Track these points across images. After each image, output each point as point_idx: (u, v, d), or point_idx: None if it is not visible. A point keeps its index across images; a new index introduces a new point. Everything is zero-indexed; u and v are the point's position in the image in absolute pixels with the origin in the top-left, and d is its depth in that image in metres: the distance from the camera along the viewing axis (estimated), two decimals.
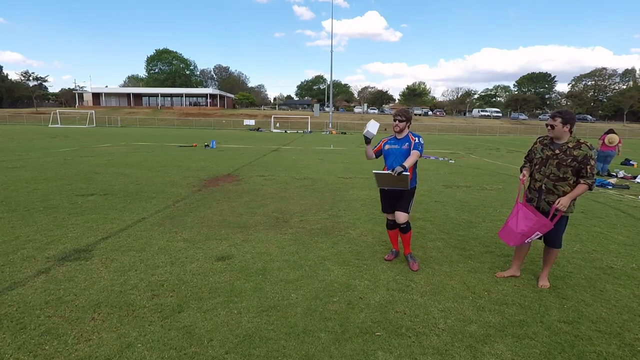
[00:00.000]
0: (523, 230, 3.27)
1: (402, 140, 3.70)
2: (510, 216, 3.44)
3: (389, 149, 3.78)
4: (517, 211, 3.36)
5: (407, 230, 3.82)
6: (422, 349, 2.49)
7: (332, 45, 50.15)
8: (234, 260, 3.88)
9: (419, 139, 3.64)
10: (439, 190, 8.01)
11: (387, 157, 3.81)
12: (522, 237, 3.29)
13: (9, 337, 2.49)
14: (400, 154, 3.66)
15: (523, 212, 3.31)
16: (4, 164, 10.33)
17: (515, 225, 3.33)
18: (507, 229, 3.43)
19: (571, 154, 3.15)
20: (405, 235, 3.85)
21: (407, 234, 3.84)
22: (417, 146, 3.58)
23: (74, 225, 4.92)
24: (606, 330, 2.74)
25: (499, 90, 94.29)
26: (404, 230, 3.82)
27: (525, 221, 3.27)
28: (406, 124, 3.70)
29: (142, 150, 15.20)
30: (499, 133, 47.88)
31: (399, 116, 3.68)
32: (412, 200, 3.80)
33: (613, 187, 8.94)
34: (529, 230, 3.24)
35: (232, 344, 2.48)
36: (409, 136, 3.70)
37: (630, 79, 78.25)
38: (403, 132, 3.72)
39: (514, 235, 3.34)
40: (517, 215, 3.34)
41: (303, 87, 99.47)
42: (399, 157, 3.66)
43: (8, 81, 76.96)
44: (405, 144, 3.66)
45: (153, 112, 61.78)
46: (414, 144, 3.60)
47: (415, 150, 3.55)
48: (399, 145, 3.70)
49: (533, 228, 3.22)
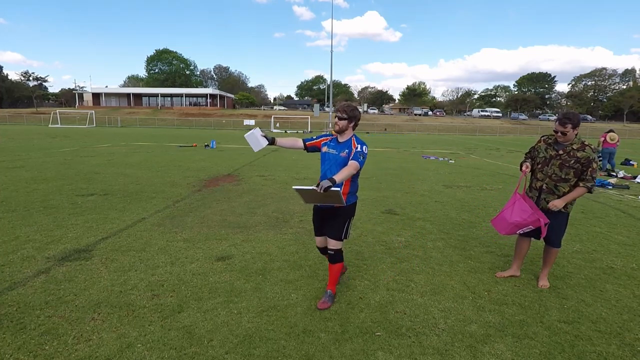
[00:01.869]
0: (516, 221, 3.27)
1: (342, 145, 2.95)
2: (506, 205, 3.43)
3: (326, 153, 3.02)
4: (514, 202, 3.35)
5: (336, 261, 3.05)
6: (422, 349, 2.49)
7: (332, 45, 50.25)
8: (234, 260, 3.87)
9: (361, 147, 2.88)
10: (439, 190, 8.01)
11: (322, 161, 3.05)
12: (514, 227, 3.31)
13: (9, 337, 2.48)
14: (337, 163, 2.91)
15: (519, 204, 3.30)
16: (4, 164, 10.33)
17: (509, 215, 3.33)
18: (501, 217, 3.43)
19: (574, 155, 3.14)
20: (334, 267, 3.08)
21: (336, 264, 3.07)
22: (358, 156, 2.82)
23: (74, 225, 4.92)
24: (606, 330, 2.74)
25: (499, 90, 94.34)
26: (333, 260, 3.06)
27: (520, 213, 3.27)
28: (349, 124, 2.93)
29: (142, 151, 15.20)
30: (499, 133, 47.88)
31: (340, 112, 2.92)
32: (349, 223, 3.03)
33: (613, 187, 8.94)
34: (522, 221, 3.25)
35: (232, 344, 2.48)
36: (351, 141, 2.94)
37: (630, 79, 78.26)
38: (345, 134, 2.97)
39: (506, 224, 3.35)
40: (513, 206, 3.34)
41: (303, 87, 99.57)
42: (334, 166, 2.92)
43: (8, 81, 76.99)
44: (344, 151, 2.91)
45: (153, 112, 61.78)
46: (355, 152, 2.84)
47: (354, 161, 2.79)
48: (337, 150, 2.94)
49: (527, 220, 3.22)
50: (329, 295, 3.10)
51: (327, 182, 2.57)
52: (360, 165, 2.82)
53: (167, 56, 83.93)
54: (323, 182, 2.57)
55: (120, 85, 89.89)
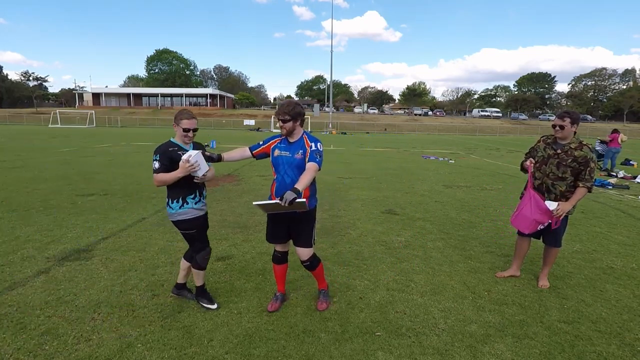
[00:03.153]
0: (537, 217, 3.22)
1: (294, 146, 2.74)
2: (523, 203, 3.36)
3: (278, 157, 2.78)
4: (530, 198, 3.28)
5: (314, 267, 2.96)
6: (422, 349, 2.49)
7: (332, 46, 50.23)
8: (234, 260, 3.87)
9: (316, 144, 2.69)
10: (439, 190, 8.01)
11: (276, 166, 2.80)
12: (536, 223, 3.25)
13: (9, 337, 2.49)
14: (294, 165, 2.72)
15: (535, 199, 3.24)
16: (4, 164, 10.33)
17: (529, 212, 3.25)
18: (522, 216, 3.33)
19: (572, 155, 3.14)
20: (316, 271, 3.00)
21: (316, 269, 2.98)
22: (314, 156, 2.64)
23: (74, 225, 4.92)
24: (606, 330, 2.74)
25: (499, 90, 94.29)
26: (311, 268, 2.95)
27: (538, 208, 3.22)
28: (294, 124, 2.70)
29: (142, 151, 15.21)
30: (499, 133, 47.87)
31: (282, 114, 2.66)
32: (314, 227, 2.90)
33: (613, 187, 8.94)
34: (541, 217, 3.21)
35: (232, 344, 2.48)
36: (303, 140, 2.75)
37: (630, 79, 78.22)
38: (294, 134, 2.75)
39: (529, 222, 3.27)
40: (531, 201, 3.27)
41: (303, 87, 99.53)
42: (290, 170, 2.73)
43: (8, 81, 77.03)
44: (298, 152, 2.71)
45: (153, 112, 61.75)
46: (310, 152, 2.66)
47: (312, 163, 2.61)
48: (290, 152, 2.73)
49: (545, 215, 3.19)
50: (324, 293, 3.09)
51: (292, 193, 2.35)
52: (319, 166, 2.63)
53: (167, 56, 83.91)
54: (287, 195, 2.33)
55: (120, 85, 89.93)
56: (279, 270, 3.07)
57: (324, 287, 3.11)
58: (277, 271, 3.07)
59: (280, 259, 3.02)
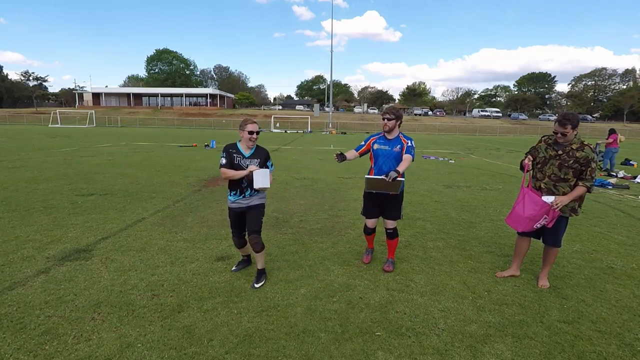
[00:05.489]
0: (530, 215, 3.21)
1: (393, 142, 3.51)
2: (516, 202, 3.37)
3: (378, 149, 3.56)
4: (524, 196, 3.29)
5: (394, 237, 3.71)
6: (422, 349, 2.49)
7: (332, 46, 50.27)
8: (234, 260, 3.87)
9: (411, 142, 3.49)
10: (439, 190, 8.01)
11: (376, 157, 3.58)
12: (530, 221, 3.24)
13: (9, 337, 2.49)
14: (392, 157, 3.49)
15: (529, 196, 3.25)
16: (4, 164, 10.33)
17: (522, 210, 3.26)
18: (515, 214, 3.35)
19: (574, 155, 3.14)
20: (392, 242, 3.74)
21: (394, 240, 3.73)
22: (410, 150, 3.43)
23: (74, 225, 4.92)
24: (606, 330, 2.74)
25: (499, 90, 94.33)
26: (391, 236, 3.70)
27: (532, 205, 3.21)
28: (396, 123, 3.49)
29: (142, 150, 15.20)
30: (499, 133, 47.88)
31: (389, 114, 3.47)
32: (402, 206, 3.69)
33: (613, 187, 8.94)
34: (536, 214, 3.19)
35: (232, 344, 2.48)
36: (400, 138, 3.52)
37: (630, 79, 78.22)
38: (393, 131, 3.53)
39: (522, 220, 3.27)
40: (524, 199, 3.28)
41: (303, 87, 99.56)
42: (389, 160, 3.49)
43: (8, 81, 77.04)
44: (397, 146, 3.48)
45: (153, 112, 61.79)
46: (407, 147, 3.45)
47: (409, 155, 3.39)
48: (389, 146, 3.51)
49: (540, 212, 3.18)
50: (391, 261, 3.77)
51: (394, 173, 3.08)
52: (413, 158, 3.42)
53: (167, 56, 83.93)
54: (391, 173, 3.07)
55: (120, 85, 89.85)
56: (369, 237, 3.94)
57: (392, 257, 3.80)
58: (368, 237, 3.95)
59: (370, 231, 3.86)
